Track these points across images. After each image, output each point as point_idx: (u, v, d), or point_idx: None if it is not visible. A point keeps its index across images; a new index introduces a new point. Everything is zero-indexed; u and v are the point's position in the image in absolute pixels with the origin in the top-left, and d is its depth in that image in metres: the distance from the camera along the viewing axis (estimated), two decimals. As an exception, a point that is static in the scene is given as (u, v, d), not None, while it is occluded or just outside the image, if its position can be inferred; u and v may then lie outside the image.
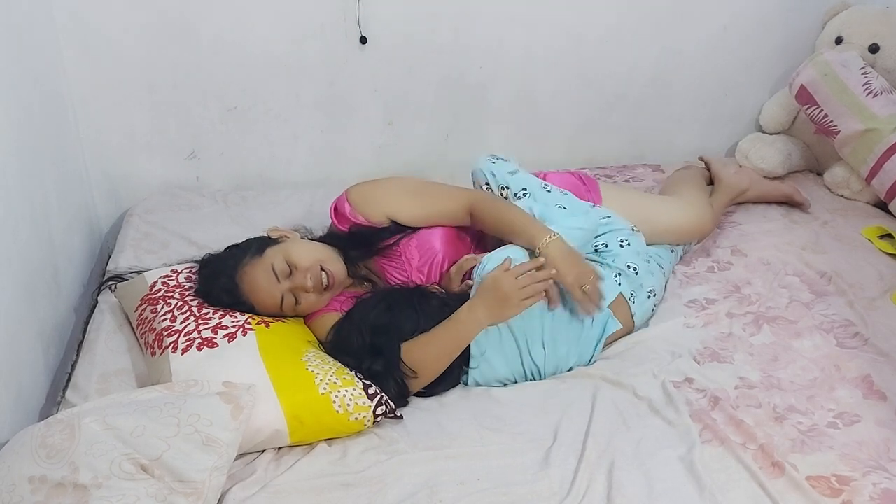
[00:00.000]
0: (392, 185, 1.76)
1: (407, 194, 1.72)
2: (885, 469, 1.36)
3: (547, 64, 2.43)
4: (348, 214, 1.70)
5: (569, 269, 1.52)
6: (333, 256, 1.64)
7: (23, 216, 1.64)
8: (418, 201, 1.71)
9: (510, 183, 1.76)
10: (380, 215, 1.68)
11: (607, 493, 1.30)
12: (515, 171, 1.80)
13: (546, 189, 1.77)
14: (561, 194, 1.77)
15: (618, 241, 1.71)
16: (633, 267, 1.70)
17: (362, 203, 1.70)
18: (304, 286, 1.56)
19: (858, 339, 1.70)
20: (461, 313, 1.51)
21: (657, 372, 1.59)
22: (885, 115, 2.19)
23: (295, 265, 1.57)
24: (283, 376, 1.42)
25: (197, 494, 1.18)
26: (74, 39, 2.09)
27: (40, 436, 1.22)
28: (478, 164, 1.82)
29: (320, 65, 2.27)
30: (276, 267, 1.56)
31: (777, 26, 2.55)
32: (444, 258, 1.69)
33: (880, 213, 2.26)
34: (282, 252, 1.58)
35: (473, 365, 1.56)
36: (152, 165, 2.32)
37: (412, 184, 1.78)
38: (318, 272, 1.58)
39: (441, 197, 1.72)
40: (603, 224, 1.74)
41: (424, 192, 1.74)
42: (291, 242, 1.64)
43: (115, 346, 1.65)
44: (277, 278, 1.56)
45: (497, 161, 1.81)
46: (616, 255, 1.70)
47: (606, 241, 1.71)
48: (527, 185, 1.76)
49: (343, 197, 1.73)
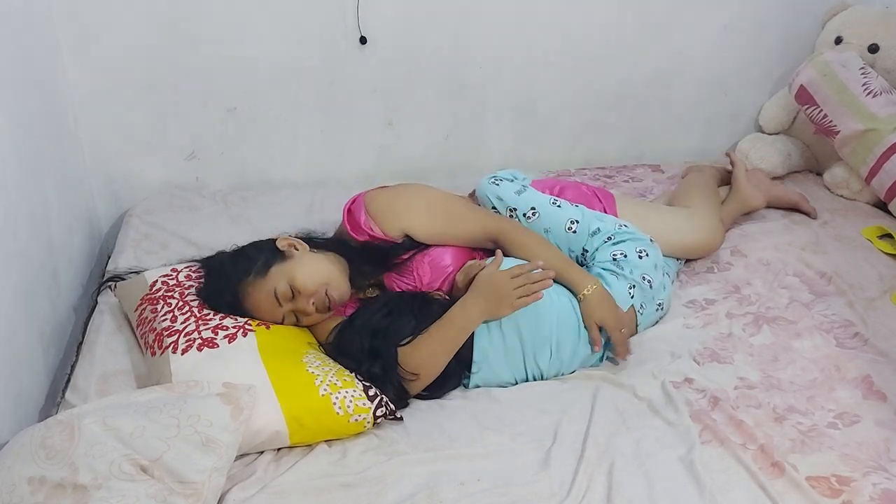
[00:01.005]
0: (415, 200, 1.70)
1: (429, 212, 1.68)
2: (885, 469, 1.36)
3: (547, 64, 2.43)
4: (363, 224, 1.66)
5: (610, 314, 1.58)
6: (340, 277, 1.60)
7: (22, 217, 1.64)
8: (440, 222, 1.67)
9: (517, 204, 1.73)
10: (396, 230, 1.65)
11: (607, 493, 1.30)
12: (522, 190, 1.77)
13: (556, 205, 1.74)
14: (573, 209, 1.75)
15: (637, 252, 1.67)
16: (648, 279, 1.67)
17: (381, 216, 1.66)
18: (306, 311, 1.55)
19: (858, 340, 1.70)
20: (454, 311, 1.51)
21: (657, 372, 1.59)
22: (885, 115, 2.19)
23: (298, 290, 1.54)
24: (283, 378, 1.41)
25: (197, 495, 1.18)
26: (74, 40, 2.09)
27: (40, 436, 1.22)
28: (481, 189, 1.79)
29: (320, 65, 2.27)
30: (278, 291, 1.53)
31: (777, 26, 2.55)
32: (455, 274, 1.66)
33: (880, 213, 2.26)
34: (286, 275, 1.54)
35: (475, 370, 1.55)
36: (152, 166, 2.32)
37: (435, 200, 1.72)
38: (322, 297, 1.55)
39: (465, 221, 1.68)
40: (621, 232, 1.70)
41: (448, 211, 1.70)
42: (298, 261, 1.58)
43: (115, 346, 1.65)
44: (279, 302, 1.54)
45: (501, 182, 1.78)
46: (634, 266, 1.66)
47: (625, 251, 1.67)
48: (535, 203, 1.74)
49: (360, 203, 1.68)
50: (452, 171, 2.53)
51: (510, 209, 1.75)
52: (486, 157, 2.51)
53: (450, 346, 1.50)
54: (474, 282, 1.53)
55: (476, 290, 1.52)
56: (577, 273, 1.62)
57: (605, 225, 1.71)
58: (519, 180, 1.83)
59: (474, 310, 1.50)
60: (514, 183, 1.80)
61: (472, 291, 1.52)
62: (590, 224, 1.71)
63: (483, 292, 1.51)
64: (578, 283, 1.60)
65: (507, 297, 1.49)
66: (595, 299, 1.58)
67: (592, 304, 1.58)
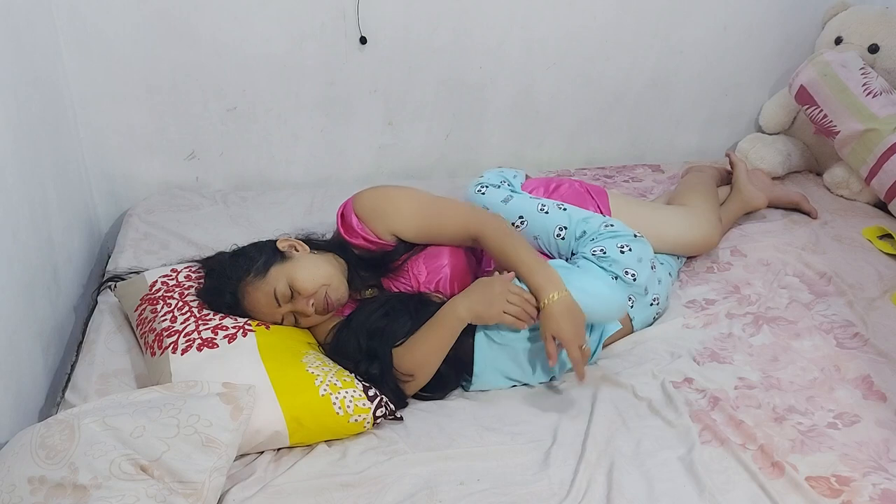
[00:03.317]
0: (401, 201, 1.68)
1: (414, 211, 1.66)
2: (885, 469, 1.36)
3: (547, 64, 2.43)
4: (356, 227, 1.66)
5: (568, 327, 1.45)
6: (339, 279, 1.60)
7: (22, 216, 1.64)
8: (425, 220, 1.65)
9: (504, 214, 1.71)
10: (385, 232, 1.65)
11: (607, 493, 1.30)
12: (509, 198, 1.76)
13: (544, 211, 1.74)
14: (560, 214, 1.73)
15: (618, 248, 1.65)
16: (631, 273, 1.65)
17: (369, 217, 1.65)
18: (305, 312, 1.55)
19: (858, 340, 1.70)
20: (443, 309, 1.50)
21: (657, 372, 1.59)
22: (885, 116, 2.19)
23: (298, 291, 1.54)
24: (282, 378, 1.42)
25: (196, 495, 1.18)
26: (74, 39, 2.09)
27: (40, 436, 1.22)
28: (468, 198, 1.79)
29: (320, 65, 2.27)
30: (277, 291, 1.53)
31: (777, 26, 2.55)
32: (451, 273, 1.66)
33: (880, 213, 2.26)
34: (286, 275, 1.54)
35: (475, 381, 1.55)
36: (152, 165, 2.32)
37: (420, 200, 1.69)
38: (321, 298, 1.55)
39: (447, 220, 1.65)
40: (604, 232, 1.69)
41: (433, 210, 1.67)
42: (297, 262, 1.58)
43: (115, 346, 1.65)
44: (278, 302, 1.54)
45: (487, 189, 1.78)
46: (613, 261, 1.64)
47: (605, 247, 1.65)
48: (522, 211, 1.74)
49: (349, 206, 1.68)
50: (452, 170, 2.53)
51: None
52: (486, 156, 2.51)
53: (440, 344, 1.48)
54: (475, 281, 1.53)
55: (469, 289, 1.51)
56: (544, 279, 1.49)
57: (590, 227, 1.70)
58: (506, 186, 1.83)
59: (462, 307, 1.48)
60: (500, 190, 1.80)
61: (465, 290, 1.52)
62: (576, 229, 1.71)
63: (476, 290, 1.49)
64: (541, 290, 1.47)
65: (497, 303, 1.46)
66: (557, 309, 1.45)
67: (553, 314, 1.45)
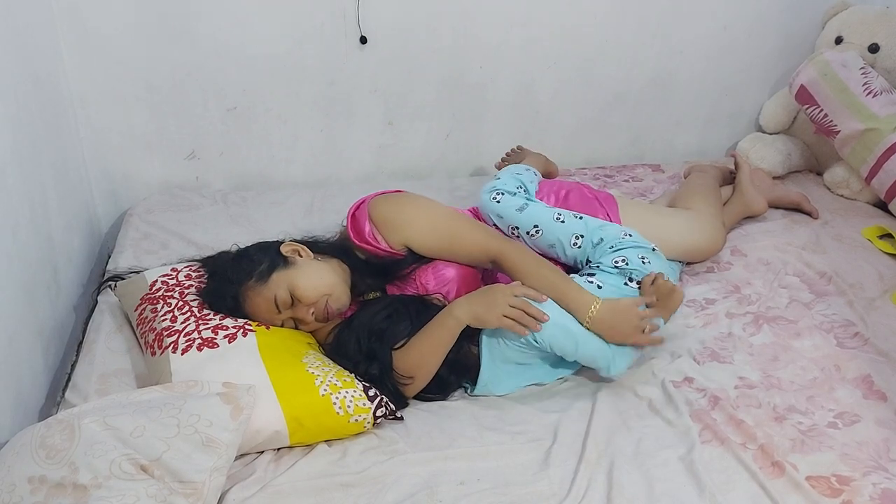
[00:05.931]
0: (418, 214, 1.65)
1: (431, 228, 1.63)
2: (885, 469, 1.36)
3: (547, 64, 2.43)
4: (367, 234, 1.64)
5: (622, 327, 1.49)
6: (341, 288, 1.58)
7: (22, 216, 1.64)
8: (442, 240, 1.63)
9: (519, 223, 1.72)
10: (398, 242, 1.63)
11: (607, 493, 1.30)
12: (524, 207, 1.75)
13: (560, 220, 1.72)
14: (577, 222, 1.72)
15: (639, 258, 1.64)
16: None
17: (383, 226, 1.63)
18: (305, 319, 1.55)
19: (858, 339, 1.70)
20: (443, 311, 1.50)
21: (657, 371, 1.59)
22: (885, 115, 2.19)
23: (299, 299, 1.53)
24: (283, 378, 1.41)
25: (197, 495, 1.18)
26: (74, 39, 2.09)
27: (40, 436, 1.22)
28: (482, 206, 1.78)
29: (320, 65, 2.27)
30: (278, 298, 1.52)
31: (777, 26, 2.55)
32: (459, 284, 1.65)
33: (880, 213, 2.26)
34: (287, 282, 1.53)
35: (480, 387, 1.54)
36: (152, 165, 2.32)
37: (438, 216, 1.67)
38: (321, 308, 1.54)
39: (466, 242, 1.63)
40: (625, 240, 1.67)
41: (450, 230, 1.64)
42: (300, 269, 1.56)
43: (115, 346, 1.65)
44: (279, 309, 1.54)
45: (502, 197, 1.77)
46: (634, 270, 1.62)
47: (627, 257, 1.63)
48: (538, 220, 1.72)
49: (364, 211, 1.66)
50: (452, 170, 2.53)
51: (512, 228, 1.74)
52: (486, 156, 2.51)
53: (439, 344, 1.48)
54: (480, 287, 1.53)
55: (472, 293, 1.51)
56: (578, 295, 1.50)
57: (608, 235, 1.68)
58: (522, 193, 1.82)
59: (461, 309, 1.47)
60: (516, 198, 1.78)
61: (468, 294, 1.51)
62: (593, 236, 1.69)
63: (478, 294, 1.49)
64: (580, 307, 1.49)
65: (497, 306, 1.45)
66: (604, 318, 1.48)
67: (603, 326, 1.48)
